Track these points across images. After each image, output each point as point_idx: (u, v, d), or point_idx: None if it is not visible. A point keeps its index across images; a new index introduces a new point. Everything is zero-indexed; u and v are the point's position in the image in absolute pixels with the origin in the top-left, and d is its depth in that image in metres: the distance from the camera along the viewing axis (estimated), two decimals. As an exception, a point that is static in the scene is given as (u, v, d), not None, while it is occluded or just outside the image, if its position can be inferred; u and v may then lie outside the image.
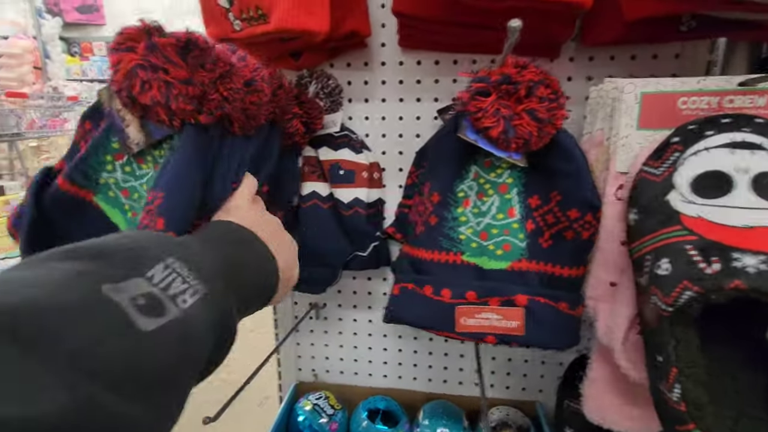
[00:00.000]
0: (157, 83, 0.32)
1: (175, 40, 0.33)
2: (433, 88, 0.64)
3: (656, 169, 0.35)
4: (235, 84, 0.39)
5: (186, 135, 0.37)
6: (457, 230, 0.44)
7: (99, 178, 0.41)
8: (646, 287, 0.33)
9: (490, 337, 0.41)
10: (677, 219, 0.33)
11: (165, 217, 0.34)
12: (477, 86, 0.37)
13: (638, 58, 0.58)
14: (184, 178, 0.35)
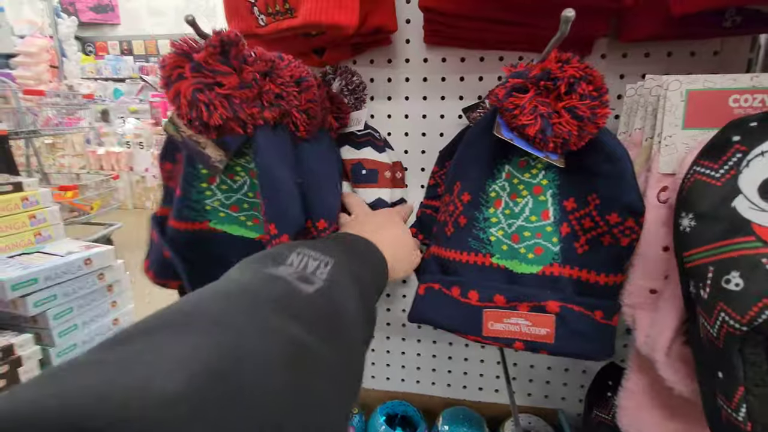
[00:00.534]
0: (219, 100, 0.32)
1: (211, 48, 0.33)
2: (459, 86, 0.62)
3: (715, 171, 0.33)
4: (284, 79, 0.40)
5: (259, 138, 0.38)
6: (488, 231, 0.42)
7: (205, 206, 0.44)
8: (709, 301, 0.31)
9: (519, 344, 0.39)
10: (749, 229, 0.30)
11: (274, 221, 0.37)
12: (514, 82, 0.36)
13: (675, 55, 0.56)
14: (274, 179, 0.37)
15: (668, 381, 0.37)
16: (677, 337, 0.38)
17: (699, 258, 0.33)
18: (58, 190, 2.18)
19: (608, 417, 0.55)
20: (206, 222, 0.43)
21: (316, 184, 0.45)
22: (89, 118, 3.11)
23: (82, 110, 3.19)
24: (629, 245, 0.38)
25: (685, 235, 0.34)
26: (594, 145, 0.37)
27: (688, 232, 0.33)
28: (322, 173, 0.47)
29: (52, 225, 1.17)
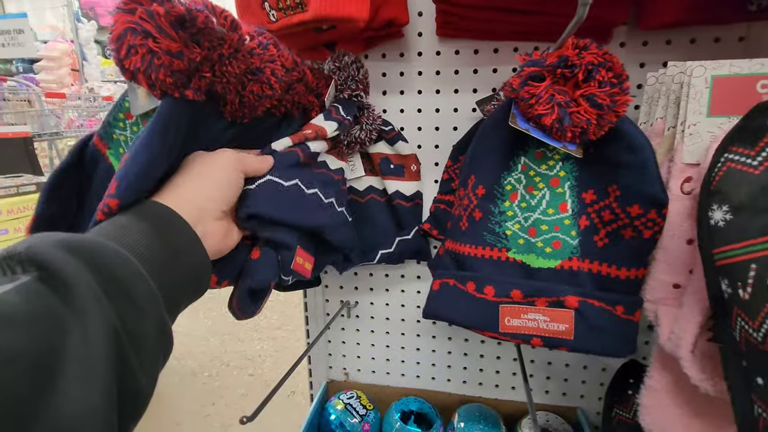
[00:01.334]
0: (144, 50, 0.31)
1: (170, 11, 0.31)
2: (472, 79, 0.61)
3: (752, 159, 0.30)
4: (234, 68, 0.37)
5: (161, 107, 0.34)
6: (504, 225, 0.41)
7: (113, 133, 0.42)
8: (752, 302, 0.29)
9: (536, 340, 0.38)
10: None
11: (118, 181, 0.32)
12: (530, 70, 0.35)
13: (698, 42, 0.54)
14: (146, 150, 0.33)
15: (693, 379, 0.35)
16: (702, 333, 0.36)
17: (737, 254, 0.31)
18: (80, 190, 2.24)
19: (629, 415, 0.53)
20: (106, 148, 0.43)
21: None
22: (109, 119, 3.19)
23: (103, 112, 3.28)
24: (651, 238, 0.36)
25: (718, 230, 0.31)
26: (614, 134, 0.36)
27: (721, 226, 0.31)
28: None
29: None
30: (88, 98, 3.46)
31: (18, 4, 5.62)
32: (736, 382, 0.32)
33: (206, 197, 0.35)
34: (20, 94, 2.81)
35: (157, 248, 0.29)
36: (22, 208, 1.10)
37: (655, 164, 0.35)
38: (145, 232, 0.29)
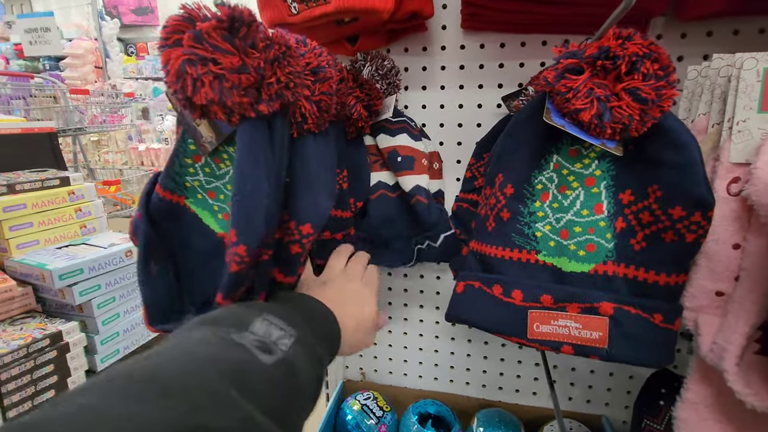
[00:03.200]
0: (208, 78, 0.29)
1: (217, 21, 0.30)
2: (498, 74, 0.59)
3: None
4: (294, 68, 0.36)
5: (242, 132, 0.33)
6: (534, 226, 0.39)
7: (185, 182, 0.41)
8: None
9: (567, 347, 0.36)
10: None
11: (235, 227, 0.32)
12: (567, 62, 0.32)
13: (742, 33, 0.50)
14: (246, 180, 0.32)
15: (739, 394, 0.33)
16: (749, 345, 0.34)
17: None
18: (102, 185, 2.28)
19: (660, 427, 0.51)
20: (183, 198, 0.41)
21: (308, 184, 0.40)
22: (131, 116, 3.25)
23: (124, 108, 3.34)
24: (695, 242, 0.34)
25: None
26: (657, 131, 0.33)
27: None
28: (318, 173, 0.41)
29: (96, 218, 1.22)
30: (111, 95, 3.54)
31: (44, 3, 5.79)
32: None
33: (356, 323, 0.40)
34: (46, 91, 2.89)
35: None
36: (47, 201, 1.12)
37: (702, 163, 0.33)
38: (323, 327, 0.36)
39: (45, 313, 0.99)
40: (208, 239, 0.41)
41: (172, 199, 0.41)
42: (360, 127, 0.56)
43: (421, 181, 0.57)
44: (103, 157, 3.19)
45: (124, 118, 3.30)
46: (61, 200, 1.12)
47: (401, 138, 0.58)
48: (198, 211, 0.41)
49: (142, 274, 0.40)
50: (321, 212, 0.39)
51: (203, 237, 0.41)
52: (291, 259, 0.37)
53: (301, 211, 0.38)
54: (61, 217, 1.14)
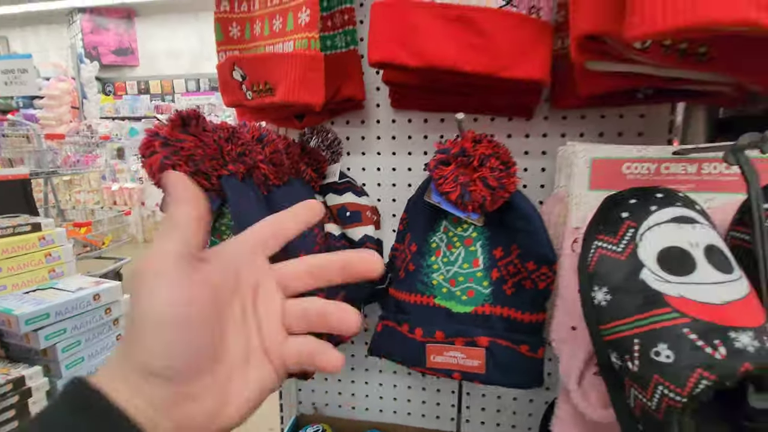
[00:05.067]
0: (183, 160, 0.40)
1: (171, 123, 0.41)
2: (423, 143, 0.71)
3: (616, 246, 0.36)
4: (245, 140, 0.47)
5: (226, 186, 0.43)
6: (431, 276, 0.49)
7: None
8: (642, 374, 0.32)
9: (456, 374, 0.45)
10: (662, 300, 0.32)
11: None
12: (439, 157, 0.44)
13: (607, 117, 0.64)
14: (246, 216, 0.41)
15: (579, 407, 0.43)
16: (588, 368, 0.44)
17: (621, 330, 0.34)
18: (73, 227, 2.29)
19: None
20: None
21: None
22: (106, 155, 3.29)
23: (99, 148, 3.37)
24: (546, 288, 0.45)
25: (602, 309, 0.35)
26: (510, 206, 0.44)
27: (604, 305, 0.35)
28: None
29: (65, 262, 1.25)
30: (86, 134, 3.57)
31: (23, 42, 5.86)
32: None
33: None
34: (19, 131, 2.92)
35: None
36: (17, 247, 1.16)
37: (543, 229, 0.44)
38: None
39: (8, 358, 1.00)
40: None
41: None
42: (311, 187, 0.66)
43: (369, 231, 0.67)
44: (74, 196, 3.20)
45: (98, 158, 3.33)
46: (32, 246, 1.16)
47: (347, 196, 0.68)
48: None
49: None
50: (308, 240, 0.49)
51: None
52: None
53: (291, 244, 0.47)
54: (31, 262, 1.17)
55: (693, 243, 0.33)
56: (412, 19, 0.47)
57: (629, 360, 0.33)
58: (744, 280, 0.32)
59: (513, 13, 0.48)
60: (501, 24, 0.47)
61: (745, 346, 0.28)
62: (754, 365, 0.27)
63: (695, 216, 0.35)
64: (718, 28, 0.32)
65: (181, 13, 5.45)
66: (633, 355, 0.33)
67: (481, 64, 0.48)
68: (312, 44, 0.50)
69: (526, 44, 0.47)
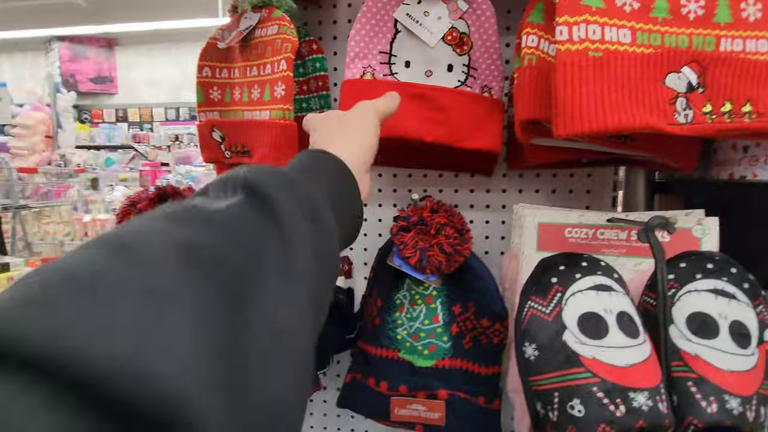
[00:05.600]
0: None
1: (149, 199, 0.44)
2: (392, 196, 0.76)
3: (545, 308, 0.40)
4: None
5: None
6: (395, 331, 0.53)
7: None
8: (559, 424, 0.36)
9: (419, 427, 0.48)
10: (578, 360, 0.36)
11: None
12: (400, 224, 0.49)
13: (559, 176, 0.71)
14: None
15: (530, 458, 0.46)
16: (539, 419, 0.48)
17: (545, 383, 0.38)
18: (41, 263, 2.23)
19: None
20: None
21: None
22: (79, 186, 3.23)
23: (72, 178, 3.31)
24: (500, 343, 0.49)
25: (531, 363, 0.40)
26: (466, 267, 0.49)
27: (533, 360, 0.40)
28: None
29: (33, 303, 1.23)
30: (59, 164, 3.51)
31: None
32: None
33: (360, 149, 0.38)
34: (-12, 161, 2.85)
35: (337, 195, 0.32)
36: (-17, 289, 1.14)
37: (496, 289, 0.48)
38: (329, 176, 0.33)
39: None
40: None
41: None
42: None
43: (339, 282, 0.70)
44: (43, 227, 3.11)
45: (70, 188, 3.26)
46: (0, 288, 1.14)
47: None
48: None
49: None
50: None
51: None
52: None
53: None
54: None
55: (608, 309, 0.38)
56: (376, 95, 0.53)
57: (550, 410, 0.38)
58: (647, 344, 0.37)
59: (467, 92, 0.54)
60: (456, 102, 0.53)
61: (640, 406, 0.33)
62: (647, 422, 0.32)
63: (612, 284, 0.40)
64: (624, 132, 0.38)
65: (163, 42, 5.51)
66: (553, 407, 0.37)
67: (440, 136, 0.53)
68: (287, 115, 0.55)
69: (479, 120, 0.53)
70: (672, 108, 0.36)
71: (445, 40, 0.58)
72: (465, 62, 0.57)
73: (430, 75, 0.58)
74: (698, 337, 0.36)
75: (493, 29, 0.58)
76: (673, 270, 0.38)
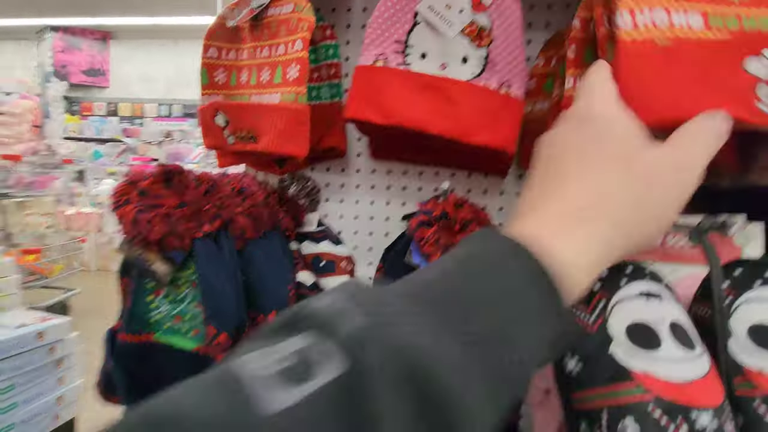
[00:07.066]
0: (159, 218, 0.39)
1: (154, 177, 0.40)
2: (401, 194, 0.72)
3: (587, 317, 0.36)
4: (223, 192, 0.47)
5: (197, 248, 0.43)
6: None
7: (149, 318, 0.47)
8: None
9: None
10: (629, 375, 0.33)
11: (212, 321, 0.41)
12: (421, 218, 0.45)
13: (575, 180, 0.68)
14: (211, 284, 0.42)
15: (554, 477, 0.42)
16: None
17: (591, 400, 0.34)
18: (21, 253, 2.14)
19: None
20: (151, 334, 0.46)
21: (263, 279, 0.49)
22: (64, 178, 3.13)
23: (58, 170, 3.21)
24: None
25: (573, 378, 0.35)
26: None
27: (575, 375, 0.35)
28: (270, 269, 0.52)
29: (9, 295, 1.16)
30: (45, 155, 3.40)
31: (-13, 57, 5.65)
32: None
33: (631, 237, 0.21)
34: (-30, 148, 2.75)
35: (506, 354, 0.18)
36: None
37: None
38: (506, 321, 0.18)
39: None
40: (183, 362, 0.46)
41: (140, 340, 0.46)
42: (287, 236, 0.65)
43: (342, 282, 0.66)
44: (24, 219, 3.00)
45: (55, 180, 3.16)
46: (-27, 277, 1.08)
47: (324, 245, 0.68)
48: (168, 339, 0.47)
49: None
50: (280, 298, 0.49)
51: (178, 361, 0.46)
52: None
53: (263, 303, 0.47)
54: (-31, 293, 1.08)
55: (659, 319, 0.34)
56: (385, 83, 0.51)
57: (598, 430, 0.33)
58: (705, 356, 0.34)
59: (480, 86, 0.51)
60: (467, 94, 0.50)
61: (704, 427, 0.29)
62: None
63: (661, 291, 0.36)
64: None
65: (160, 39, 5.44)
66: (602, 426, 0.33)
67: (446, 128, 0.50)
68: (299, 99, 0.51)
69: (490, 115, 0.50)
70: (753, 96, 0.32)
71: (464, 33, 0.55)
72: (483, 55, 0.54)
73: (444, 68, 0.55)
74: (764, 350, 0.32)
75: (518, 24, 0.55)
76: (727, 277, 0.35)
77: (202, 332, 0.45)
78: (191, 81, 5.05)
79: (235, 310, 0.42)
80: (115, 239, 3.24)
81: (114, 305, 0.53)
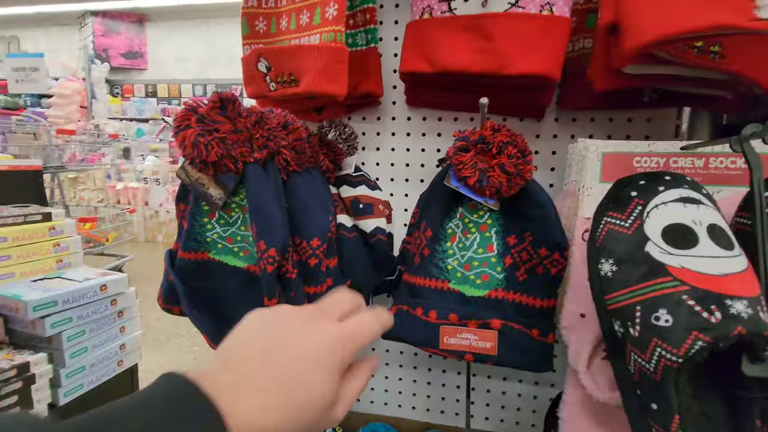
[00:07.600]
0: (216, 141, 0.42)
1: (212, 104, 0.44)
2: (436, 141, 0.73)
3: (623, 222, 0.38)
4: (271, 125, 0.50)
5: (248, 172, 0.47)
6: (446, 261, 0.51)
7: (206, 238, 0.52)
8: (641, 338, 0.34)
9: (469, 356, 0.47)
10: (665, 270, 0.34)
11: (262, 238, 0.44)
12: (459, 144, 0.46)
13: (615, 120, 0.67)
14: (261, 204, 0.46)
15: (588, 389, 0.44)
16: (597, 352, 0.45)
17: (624, 299, 0.36)
18: (78, 222, 2.31)
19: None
20: (207, 252, 0.51)
21: (305, 208, 0.52)
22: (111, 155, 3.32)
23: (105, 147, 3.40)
24: (558, 274, 0.46)
25: (608, 280, 0.37)
26: (525, 193, 0.46)
27: (610, 276, 0.37)
28: (311, 199, 0.55)
29: (73, 253, 1.27)
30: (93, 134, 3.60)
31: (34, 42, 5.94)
32: (634, 408, 0.37)
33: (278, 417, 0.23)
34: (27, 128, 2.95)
35: None
36: (27, 236, 1.18)
37: (556, 217, 0.46)
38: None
39: (12, 345, 1.00)
40: (237, 277, 0.52)
41: (197, 258, 0.52)
42: (327, 178, 0.68)
43: (381, 224, 0.69)
44: (78, 194, 3.22)
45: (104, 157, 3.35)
46: (41, 235, 1.18)
47: (361, 189, 0.70)
48: (222, 258, 0.52)
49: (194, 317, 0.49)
50: (322, 226, 0.52)
51: (232, 277, 0.52)
52: (313, 272, 0.49)
53: (306, 230, 0.51)
54: (40, 251, 1.18)
55: (697, 221, 0.35)
56: (430, 33, 0.53)
57: (631, 326, 0.35)
58: (743, 257, 0.34)
59: (517, 13, 0.51)
60: (505, 25, 0.50)
61: (739, 312, 0.30)
62: (747, 330, 0.29)
63: (701, 198, 0.37)
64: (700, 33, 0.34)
65: (192, 19, 5.53)
66: (635, 321, 0.35)
67: (487, 64, 0.51)
68: (338, 37, 0.53)
69: (529, 42, 0.50)
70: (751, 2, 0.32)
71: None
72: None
73: (485, 4, 0.55)
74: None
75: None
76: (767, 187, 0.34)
77: (251, 253, 0.49)
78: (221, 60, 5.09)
79: (282, 229, 0.45)
80: (160, 212, 3.43)
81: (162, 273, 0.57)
